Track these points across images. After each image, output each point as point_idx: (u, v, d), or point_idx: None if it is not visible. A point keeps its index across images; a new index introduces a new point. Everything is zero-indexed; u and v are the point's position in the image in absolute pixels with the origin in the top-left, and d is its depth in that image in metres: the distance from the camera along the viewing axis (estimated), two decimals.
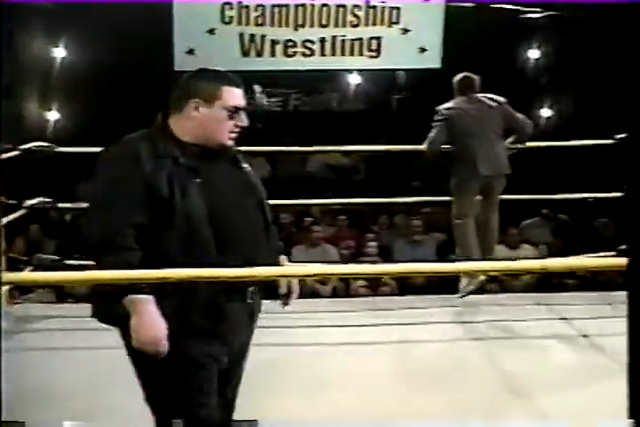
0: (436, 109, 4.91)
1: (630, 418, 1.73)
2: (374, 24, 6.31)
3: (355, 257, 7.17)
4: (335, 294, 6.57)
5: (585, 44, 8.34)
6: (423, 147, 4.89)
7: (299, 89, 10.84)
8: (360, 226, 8.22)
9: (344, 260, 6.89)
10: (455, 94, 4.97)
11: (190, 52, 6.03)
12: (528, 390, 3.69)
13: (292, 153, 7.88)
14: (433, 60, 6.46)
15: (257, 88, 10.51)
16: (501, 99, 4.97)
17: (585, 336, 4.45)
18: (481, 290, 5.05)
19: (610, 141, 5.12)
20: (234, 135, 2.38)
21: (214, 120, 2.32)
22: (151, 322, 2.17)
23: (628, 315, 1.75)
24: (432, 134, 4.85)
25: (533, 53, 9.13)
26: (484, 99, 4.94)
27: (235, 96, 2.35)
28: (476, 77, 4.99)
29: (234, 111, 2.34)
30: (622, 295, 5.32)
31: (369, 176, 9.80)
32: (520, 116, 4.97)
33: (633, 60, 1.82)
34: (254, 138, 5.75)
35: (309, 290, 6.51)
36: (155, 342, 2.18)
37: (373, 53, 6.39)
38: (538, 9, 7.02)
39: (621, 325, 4.65)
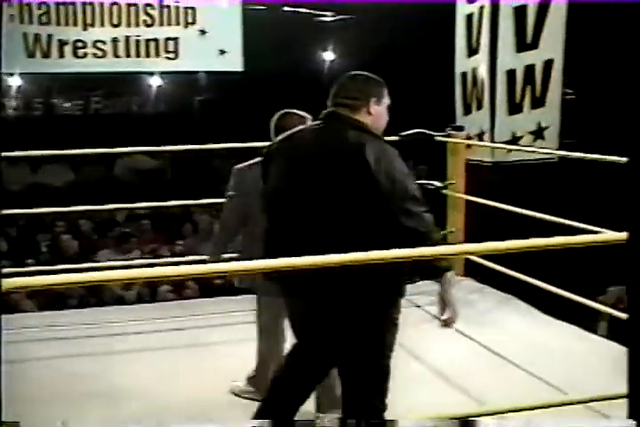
0: None
1: (630, 418, 1.81)
2: (169, 24, 6.16)
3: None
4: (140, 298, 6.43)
5: (378, 46, 8.70)
6: None
7: (99, 92, 10.55)
8: (165, 230, 8.10)
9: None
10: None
11: None
12: None
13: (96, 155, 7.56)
14: (234, 63, 6.37)
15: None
16: None
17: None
18: None
19: (395, 138, 5.16)
20: None
21: (383, 116, 2.81)
22: None
23: (629, 316, 1.82)
24: None
25: (329, 55, 9.38)
26: None
27: (387, 96, 2.85)
28: (307, 116, 3.35)
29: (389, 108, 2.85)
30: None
31: (175, 179, 9.71)
32: None
33: (632, 63, 1.87)
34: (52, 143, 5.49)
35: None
36: None
37: (171, 55, 6.22)
38: (329, 13, 7.20)
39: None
